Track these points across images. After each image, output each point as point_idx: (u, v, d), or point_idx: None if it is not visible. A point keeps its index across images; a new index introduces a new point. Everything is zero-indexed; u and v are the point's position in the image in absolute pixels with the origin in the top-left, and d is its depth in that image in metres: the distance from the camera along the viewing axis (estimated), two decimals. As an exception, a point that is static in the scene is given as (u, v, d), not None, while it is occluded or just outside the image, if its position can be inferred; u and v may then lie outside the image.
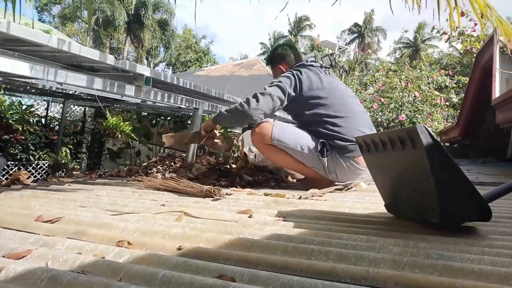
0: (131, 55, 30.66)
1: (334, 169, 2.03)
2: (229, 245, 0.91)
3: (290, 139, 2.01)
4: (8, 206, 1.34)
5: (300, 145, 2.01)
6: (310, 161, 2.03)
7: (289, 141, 2.01)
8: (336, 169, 2.03)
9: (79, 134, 5.99)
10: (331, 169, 2.03)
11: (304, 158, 2.03)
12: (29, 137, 4.89)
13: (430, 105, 8.66)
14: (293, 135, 2.03)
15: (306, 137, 2.03)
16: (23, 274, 0.68)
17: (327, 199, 1.72)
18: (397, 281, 0.70)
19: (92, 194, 1.73)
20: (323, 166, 2.02)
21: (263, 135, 2.03)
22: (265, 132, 2.02)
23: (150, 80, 2.32)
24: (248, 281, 0.69)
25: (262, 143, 2.06)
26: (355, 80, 10.48)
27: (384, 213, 1.36)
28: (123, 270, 0.72)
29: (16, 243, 0.88)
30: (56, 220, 1.13)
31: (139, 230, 1.03)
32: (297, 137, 2.03)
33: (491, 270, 0.73)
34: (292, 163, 2.08)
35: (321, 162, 2.01)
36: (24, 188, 1.91)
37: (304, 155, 2.01)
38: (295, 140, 2.02)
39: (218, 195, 1.65)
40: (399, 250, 0.87)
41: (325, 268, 0.76)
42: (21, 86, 3.49)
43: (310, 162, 2.04)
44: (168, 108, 4.46)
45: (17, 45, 1.76)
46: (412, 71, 9.51)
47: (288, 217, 1.27)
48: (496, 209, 1.46)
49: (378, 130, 8.50)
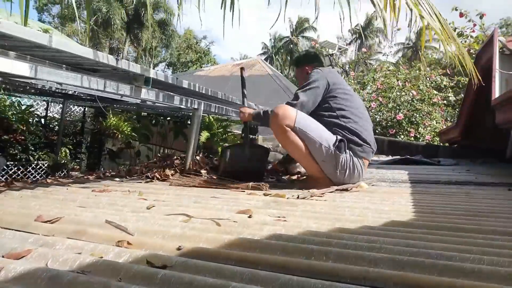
0: (131, 55, 30.67)
1: (345, 167, 2.04)
2: (229, 245, 0.91)
3: (312, 128, 2.03)
4: (8, 206, 1.34)
5: (320, 136, 2.02)
6: (324, 155, 2.02)
7: (310, 130, 2.02)
8: (347, 167, 2.05)
9: (79, 134, 5.98)
10: (343, 167, 2.04)
11: (318, 151, 2.02)
12: (29, 137, 4.89)
13: (428, 104, 8.67)
14: (315, 126, 2.05)
15: (326, 131, 2.06)
16: (23, 274, 0.68)
17: (327, 199, 1.72)
18: (397, 281, 0.70)
19: (91, 194, 1.73)
20: (336, 163, 2.02)
21: (287, 116, 2.02)
22: (289, 114, 2.03)
23: (150, 80, 2.31)
24: (248, 281, 0.69)
25: (283, 124, 2.02)
26: (351, 80, 10.50)
27: (384, 213, 1.36)
28: (122, 270, 0.72)
29: (16, 243, 0.88)
30: (56, 220, 1.13)
31: (139, 230, 1.03)
32: (319, 128, 2.05)
33: (491, 270, 0.73)
34: (303, 154, 2.06)
35: (336, 158, 2.02)
36: (24, 188, 1.91)
37: (321, 147, 2.01)
38: (316, 130, 2.03)
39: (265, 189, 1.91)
40: (399, 250, 0.87)
41: (325, 268, 0.76)
42: (20, 86, 3.49)
43: (323, 156, 2.03)
44: (168, 108, 4.45)
45: (17, 45, 1.76)
46: (409, 70, 9.53)
47: (288, 217, 1.27)
48: (496, 209, 1.46)
49: (376, 129, 8.53)
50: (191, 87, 2.84)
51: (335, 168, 2.04)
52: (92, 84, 1.98)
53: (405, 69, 9.70)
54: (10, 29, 1.43)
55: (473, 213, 1.37)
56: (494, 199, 1.75)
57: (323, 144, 2.01)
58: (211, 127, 5.10)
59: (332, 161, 2.03)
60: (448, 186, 2.28)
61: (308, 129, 2.02)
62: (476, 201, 1.68)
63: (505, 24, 22.19)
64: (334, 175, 2.07)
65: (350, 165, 2.05)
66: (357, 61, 17.48)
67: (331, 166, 2.04)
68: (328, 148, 2.01)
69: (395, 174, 3.01)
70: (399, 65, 11.14)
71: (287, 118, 2.02)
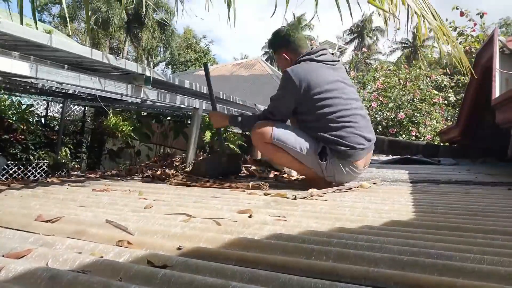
0: (131, 55, 30.64)
1: (332, 173, 2.04)
2: (229, 245, 0.91)
3: (290, 139, 2.03)
4: (8, 206, 1.34)
5: (300, 146, 2.02)
6: (310, 162, 2.04)
7: (289, 141, 2.02)
8: (334, 173, 2.04)
9: (79, 134, 5.98)
10: (330, 173, 2.04)
11: (304, 159, 2.04)
12: (29, 137, 4.89)
13: (429, 104, 8.67)
14: (293, 136, 2.04)
15: (306, 139, 2.03)
16: (23, 273, 0.68)
17: (327, 199, 1.72)
18: (397, 281, 0.70)
19: (91, 194, 1.73)
20: (321, 169, 2.03)
21: (263, 134, 2.05)
22: (265, 131, 2.04)
23: (150, 79, 2.31)
24: (248, 280, 0.69)
25: (262, 141, 2.07)
26: (351, 79, 10.49)
27: (384, 212, 1.36)
28: (123, 270, 0.72)
29: (16, 243, 0.88)
30: (56, 219, 1.13)
31: (139, 230, 1.03)
32: (297, 138, 2.03)
33: (491, 270, 0.73)
34: (292, 162, 2.09)
35: (320, 165, 2.02)
36: (24, 188, 1.91)
37: (303, 155, 2.02)
38: (294, 140, 2.03)
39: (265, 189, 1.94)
40: (399, 249, 0.87)
41: (325, 268, 0.76)
42: (20, 85, 3.49)
43: (309, 163, 2.05)
44: (168, 107, 4.45)
45: (17, 45, 1.76)
46: (410, 70, 9.53)
47: (288, 216, 1.27)
48: (496, 208, 1.46)
49: (377, 129, 8.54)
50: (191, 87, 2.84)
51: (322, 173, 2.05)
52: (92, 84, 1.98)
53: (406, 68, 9.70)
54: (10, 28, 1.43)
55: (473, 213, 1.37)
56: (494, 198, 1.75)
57: (303, 152, 2.01)
58: (212, 126, 5.10)
59: (318, 167, 2.04)
60: (448, 186, 2.28)
61: (286, 140, 2.02)
62: (476, 201, 1.68)
63: (505, 24, 22.18)
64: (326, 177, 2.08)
65: (336, 170, 2.02)
66: (356, 60, 17.48)
67: (319, 171, 2.06)
68: (310, 155, 2.02)
69: (395, 173, 3.01)
70: (399, 64, 11.14)
71: (264, 135, 2.04)
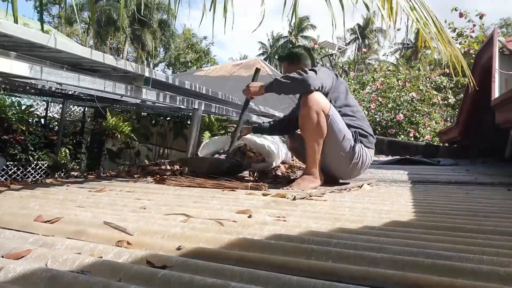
0: (130, 55, 30.66)
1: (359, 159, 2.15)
2: (229, 245, 0.91)
3: (339, 121, 2.12)
4: (8, 206, 1.34)
5: (345, 129, 2.12)
6: (346, 148, 2.12)
7: (339, 121, 2.11)
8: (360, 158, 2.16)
9: (79, 135, 5.98)
10: (358, 158, 2.15)
11: (341, 143, 2.11)
12: (29, 138, 4.89)
13: (428, 105, 8.68)
14: (341, 118, 2.14)
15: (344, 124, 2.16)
16: (22, 274, 0.68)
17: (327, 199, 1.72)
18: (397, 281, 0.70)
19: (91, 194, 1.73)
20: (352, 155, 2.13)
21: (324, 102, 2.08)
22: (326, 101, 2.10)
23: (149, 80, 2.31)
24: (248, 280, 0.69)
25: (317, 107, 2.05)
26: (351, 79, 10.51)
27: (384, 213, 1.36)
28: (122, 270, 0.71)
29: (16, 243, 0.88)
30: (55, 220, 1.13)
31: (139, 230, 1.03)
32: (343, 121, 2.15)
33: (490, 270, 0.73)
34: (319, 142, 2.11)
35: (354, 150, 2.13)
36: (24, 188, 1.91)
37: (345, 140, 2.11)
38: (341, 122, 2.13)
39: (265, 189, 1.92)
40: (399, 250, 0.87)
41: (325, 268, 0.76)
42: (20, 86, 3.49)
43: (344, 149, 2.12)
44: (167, 108, 4.45)
45: (17, 45, 1.76)
46: (410, 70, 9.54)
47: (288, 217, 1.27)
48: (495, 209, 1.46)
49: (376, 130, 8.54)
50: (191, 87, 2.84)
51: (350, 160, 2.15)
52: (92, 84, 1.98)
53: (405, 69, 9.72)
54: (10, 29, 1.43)
55: (473, 213, 1.37)
56: (494, 199, 1.76)
57: (346, 136, 2.12)
58: (212, 127, 5.10)
59: (349, 154, 2.14)
60: (448, 186, 2.28)
61: (338, 120, 2.11)
62: (475, 201, 1.68)
63: (505, 24, 22.20)
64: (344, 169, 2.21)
65: (363, 156, 2.18)
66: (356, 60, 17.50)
67: (347, 159, 2.15)
68: (350, 140, 2.14)
69: (395, 174, 3.01)
70: (399, 65, 11.15)
71: (324, 104, 2.08)
